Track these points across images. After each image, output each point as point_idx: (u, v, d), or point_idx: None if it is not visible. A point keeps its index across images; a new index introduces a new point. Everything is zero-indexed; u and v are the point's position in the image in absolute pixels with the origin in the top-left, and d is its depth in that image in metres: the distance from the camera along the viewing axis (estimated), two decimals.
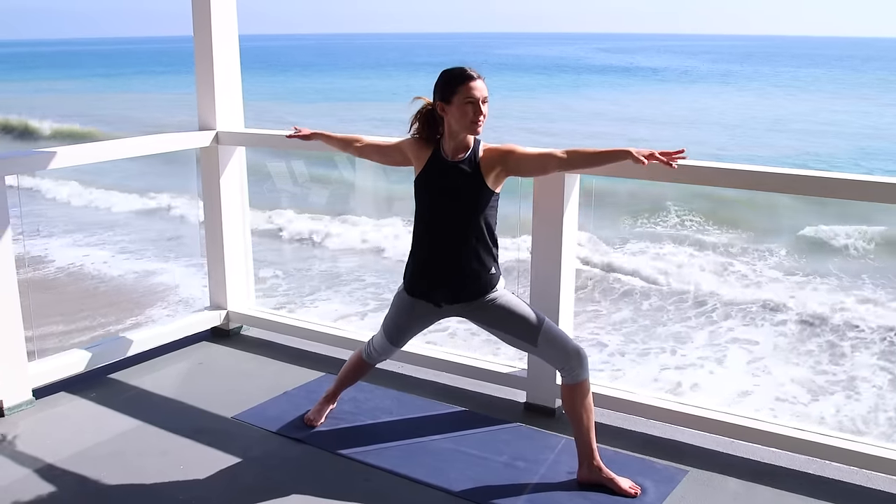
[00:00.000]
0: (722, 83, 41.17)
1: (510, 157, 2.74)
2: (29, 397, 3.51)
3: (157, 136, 4.08)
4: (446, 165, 2.79)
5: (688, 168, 2.92)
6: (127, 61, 68.82)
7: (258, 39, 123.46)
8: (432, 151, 2.84)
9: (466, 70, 2.73)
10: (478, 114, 2.70)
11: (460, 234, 2.79)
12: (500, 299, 2.86)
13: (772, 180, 2.97)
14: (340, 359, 3.79)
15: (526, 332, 2.84)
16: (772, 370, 7.04)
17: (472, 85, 2.70)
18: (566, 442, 3.14)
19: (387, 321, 3.07)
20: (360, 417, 3.37)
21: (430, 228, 2.86)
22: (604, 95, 35.22)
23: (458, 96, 2.69)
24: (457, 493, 2.82)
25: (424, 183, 2.84)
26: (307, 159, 14.38)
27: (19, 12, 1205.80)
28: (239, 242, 4.29)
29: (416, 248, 2.92)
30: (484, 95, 2.71)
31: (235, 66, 4.13)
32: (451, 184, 2.77)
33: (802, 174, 2.92)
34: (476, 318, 2.92)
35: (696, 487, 2.86)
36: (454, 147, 2.78)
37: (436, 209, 2.83)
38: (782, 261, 10.63)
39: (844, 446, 2.91)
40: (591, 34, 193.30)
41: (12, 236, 3.37)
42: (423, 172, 2.84)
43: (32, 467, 3.01)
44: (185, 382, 3.83)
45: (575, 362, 2.78)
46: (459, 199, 2.77)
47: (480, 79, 2.72)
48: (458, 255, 2.80)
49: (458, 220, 2.78)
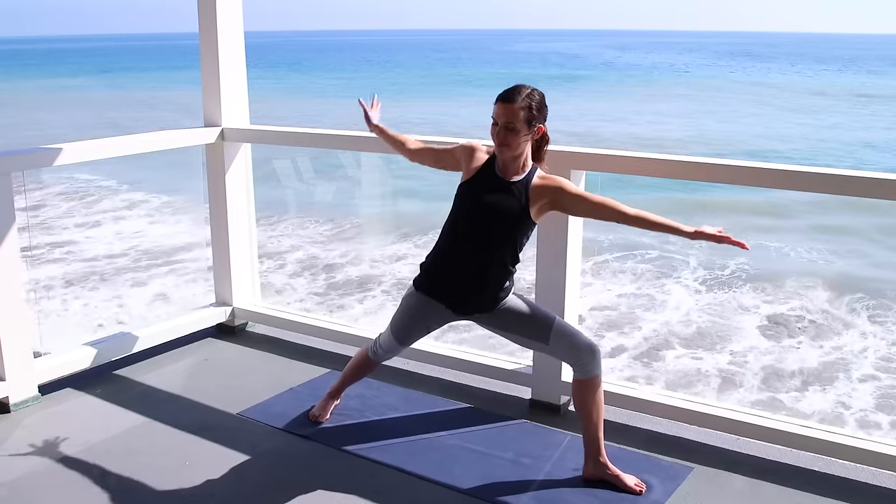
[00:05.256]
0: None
1: (560, 195, 2.68)
2: (35, 393, 3.51)
3: (163, 132, 4.07)
4: (497, 181, 2.74)
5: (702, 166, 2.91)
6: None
7: (264, 36, 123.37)
8: (486, 162, 2.79)
9: (506, 90, 2.67)
10: (497, 135, 2.66)
11: (488, 252, 2.76)
12: (508, 302, 2.86)
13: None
14: (345, 355, 3.79)
15: (537, 331, 2.83)
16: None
17: (495, 106, 2.66)
18: (571, 438, 3.14)
19: (395, 320, 3.05)
20: (366, 414, 3.37)
21: (459, 236, 2.81)
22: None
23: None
24: (462, 490, 2.82)
25: (469, 190, 2.78)
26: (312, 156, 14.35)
27: (37, 9, 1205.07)
28: (244, 239, 4.29)
29: (439, 251, 2.87)
30: (506, 120, 2.62)
31: (241, 63, 4.13)
32: (496, 201, 2.72)
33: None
34: (485, 323, 2.91)
35: (701, 484, 2.85)
36: (504, 165, 2.74)
37: (472, 220, 2.77)
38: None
39: (850, 443, 2.91)
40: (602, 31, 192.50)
41: (17, 233, 3.37)
42: (472, 179, 2.78)
43: (38, 464, 3.01)
44: (191, 379, 3.84)
45: (588, 358, 2.76)
46: (499, 218, 2.72)
47: (511, 102, 2.62)
48: (480, 270, 2.78)
49: (491, 237, 2.74)
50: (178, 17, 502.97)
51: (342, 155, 14.02)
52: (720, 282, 9.61)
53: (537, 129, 2.69)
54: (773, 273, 10.03)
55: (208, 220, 4.26)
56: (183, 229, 12.11)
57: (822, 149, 22.08)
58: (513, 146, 2.66)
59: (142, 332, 4.00)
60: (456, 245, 2.82)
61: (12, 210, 3.35)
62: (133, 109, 30.47)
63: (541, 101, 2.68)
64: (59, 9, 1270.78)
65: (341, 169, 15.14)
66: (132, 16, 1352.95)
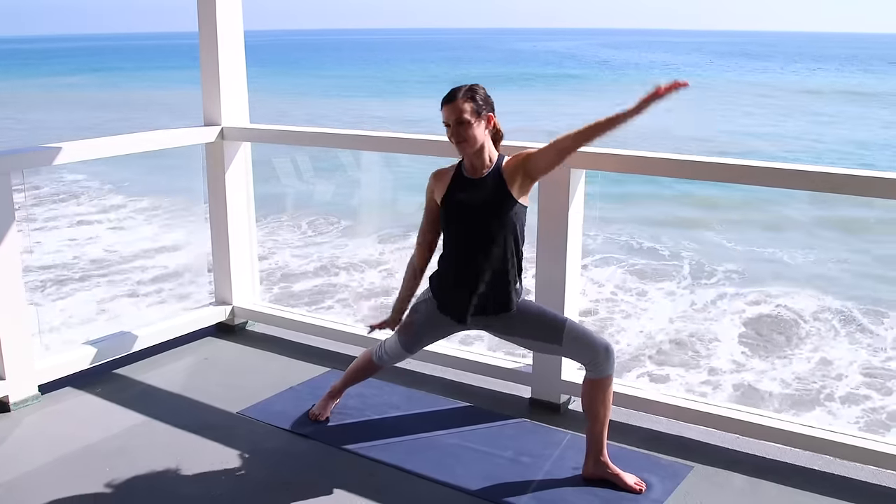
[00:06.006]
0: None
1: (528, 161, 2.73)
2: (35, 393, 3.51)
3: (163, 131, 4.06)
4: (470, 182, 2.79)
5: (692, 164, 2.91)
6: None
7: (263, 35, 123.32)
8: (454, 173, 2.84)
9: (446, 94, 2.75)
10: (453, 135, 2.72)
11: (492, 248, 2.76)
12: (518, 308, 2.86)
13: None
14: (346, 354, 3.80)
15: (549, 334, 2.82)
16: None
17: (442, 111, 2.74)
18: (571, 437, 3.14)
19: (403, 328, 3.06)
20: (367, 413, 3.38)
21: (460, 246, 2.83)
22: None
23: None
24: (462, 489, 2.82)
25: (449, 202, 2.82)
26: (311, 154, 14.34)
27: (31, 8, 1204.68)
28: (244, 238, 4.29)
29: (447, 269, 2.89)
30: (455, 117, 2.70)
31: (241, 62, 4.13)
32: (478, 198, 2.75)
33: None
34: (497, 330, 2.91)
35: (701, 483, 2.85)
36: (471, 164, 2.78)
37: (466, 225, 2.79)
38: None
39: (850, 442, 2.91)
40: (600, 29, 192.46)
41: (16, 232, 3.37)
42: (448, 193, 2.83)
43: (38, 463, 3.01)
44: (191, 378, 3.84)
45: (602, 357, 2.75)
46: (488, 211, 2.74)
47: (453, 100, 2.70)
48: (491, 271, 2.78)
49: (490, 233, 2.75)
50: (177, 16, 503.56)
51: (342, 154, 14.04)
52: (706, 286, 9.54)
53: (487, 117, 2.75)
54: (761, 277, 9.95)
55: (184, 222, 4.26)
56: (146, 235, 11.84)
57: (821, 148, 22.08)
58: (470, 139, 2.71)
59: (141, 332, 4.00)
60: (456, 252, 2.84)
61: (12, 209, 3.34)
62: (120, 110, 30.33)
63: (483, 92, 2.75)
64: (59, 8, 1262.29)
65: (341, 168, 15.13)
66: (131, 15, 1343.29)
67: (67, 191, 14.74)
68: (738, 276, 9.92)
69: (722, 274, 9.98)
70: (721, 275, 9.95)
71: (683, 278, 9.88)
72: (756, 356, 7.39)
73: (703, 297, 9.12)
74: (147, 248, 10.94)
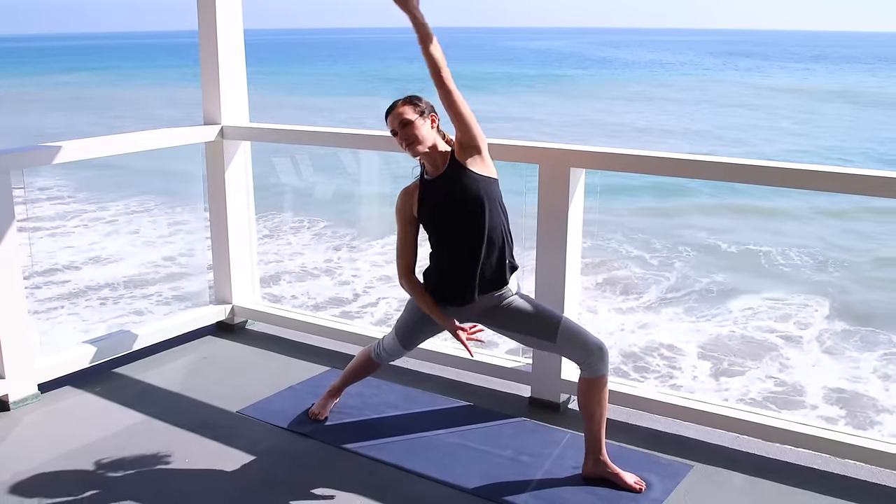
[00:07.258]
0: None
1: (460, 137, 2.78)
2: (34, 391, 3.51)
3: (163, 130, 4.06)
4: (435, 183, 2.83)
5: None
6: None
7: (263, 34, 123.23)
8: (420, 184, 2.89)
9: (389, 106, 2.83)
10: (402, 141, 2.78)
11: (473, 228, 2.77)
12: (514, 302, 2.87)
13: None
14: (345, 353, 3.80)
15: (544, 329, 2.83)
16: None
17: (387, 122, 2.83)
18: (571, 437, 3.15)
19: (400, 324, 3.07)
20: (366, 412, 3.38)
21: (448, 240, 2.84)
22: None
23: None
24: (462, 488, 2.82)
25: (425, 208, 2.85)
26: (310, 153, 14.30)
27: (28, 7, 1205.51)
28: (244, 237, 4.29)
29: (437, 261, 2.90)
30: (399, 120, 2.77)
31: (240, 60, 4.13)
32: (450, 192, 2.78)
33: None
34: (492, 323, 2.92)
35: (700, 482, 2.86)
36: (430, 165, 2.84)
37: (444, 220, 2.82)
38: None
39: (849, 441, 2.92)
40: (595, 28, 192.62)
41: (16, 231, 3.37)
42: (420, 202, 2.87)
43: (38, 462, 3.01)
44: (191, 377, 3.84)
45: (596, 357, 2.76)
46: (459, 199, 2.76)
47: (395, 108, 2.80)
48: (479, 245, 2.77)
49: (468, 217, 2.76)
50: (176, 15, 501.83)
51: (342, 153, 14.02)
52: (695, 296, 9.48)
53: (431, 117, 2.81)
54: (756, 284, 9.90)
55: (173, 223, 4.26)
56: (146, 235, 11.72)
57: (819, 148, 22.10)
58: (419, 138, 2.76)
59: (141, 331, 4.00)
60: (452, 248, 2.83)
61: (12, 209, 3.34)
62: (120, 109, 30.27)
63: (424, 99, 2.84)
64: (56, 7, 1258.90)
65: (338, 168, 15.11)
66: (129, 14, 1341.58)
67: (53, 195, 14.57)
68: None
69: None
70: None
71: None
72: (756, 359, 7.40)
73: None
74: (146, 248, 10.91)
